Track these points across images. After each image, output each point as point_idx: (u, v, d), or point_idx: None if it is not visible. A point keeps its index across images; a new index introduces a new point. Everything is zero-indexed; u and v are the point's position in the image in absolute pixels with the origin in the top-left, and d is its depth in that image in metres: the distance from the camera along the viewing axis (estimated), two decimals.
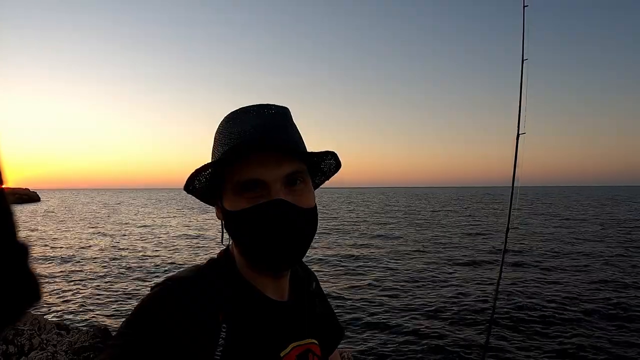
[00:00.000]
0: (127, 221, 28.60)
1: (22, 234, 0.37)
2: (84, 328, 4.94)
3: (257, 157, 0.67)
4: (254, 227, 0.67)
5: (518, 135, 2.95)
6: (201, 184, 0.71)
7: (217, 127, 0.75)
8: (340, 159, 0.78)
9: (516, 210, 3.03)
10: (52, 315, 7.50)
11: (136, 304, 0.64)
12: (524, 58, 2.91)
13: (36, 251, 14.70)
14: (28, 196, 61.99)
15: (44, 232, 21.35)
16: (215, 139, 0.74)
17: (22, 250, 0.37)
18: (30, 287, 0.37)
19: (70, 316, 7.66)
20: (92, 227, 24.01)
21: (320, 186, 0.85)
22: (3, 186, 0.35)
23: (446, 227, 23.08)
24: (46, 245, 16.49)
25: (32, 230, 21.89)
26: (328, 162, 0.78)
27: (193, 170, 0.69)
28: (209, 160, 0.75)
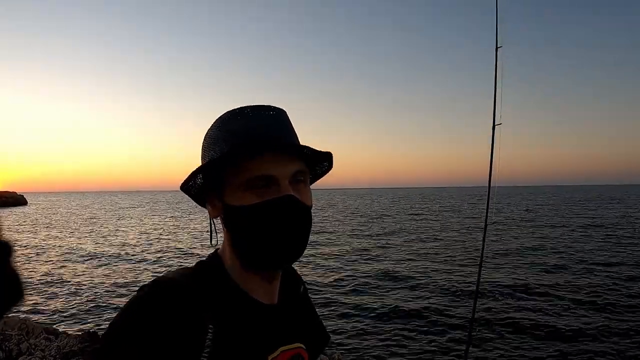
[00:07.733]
0: (115, 224, 28.34)
1: (6, 237, 0.37)
2: (73, 332, 4.92)
3: (269, 155, 0.68)
4: (265, 221, 0.68)
5: (494, 126, 2.90)
6: (202, 180, 0.73)
7: (212, 125, 0.74)
8: (332, 161, 0.80)
9: (494, 209, 3.03)
10: (40, 319, 7.43)
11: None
12: (498, 45, 2.89)
13: (22, 257, 14.50)
14: (14, 199, 60.84)
15: (30, 237, 21.06)
16: (210, 136, 0.74)
17: (5, 249, 0.36)
18: (12, 286, 0.37)
19: (59, 320, 7.61)
20: (79, 231, 23.77)
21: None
22: None
23: (425, 226, 23.31)
24: (32, 250, 16.29)
25: (18, 234, 21.59)
26: (322, 165, 0.80)
27: (194, 169, 0.70)
28: (198, 162, 0.75)
